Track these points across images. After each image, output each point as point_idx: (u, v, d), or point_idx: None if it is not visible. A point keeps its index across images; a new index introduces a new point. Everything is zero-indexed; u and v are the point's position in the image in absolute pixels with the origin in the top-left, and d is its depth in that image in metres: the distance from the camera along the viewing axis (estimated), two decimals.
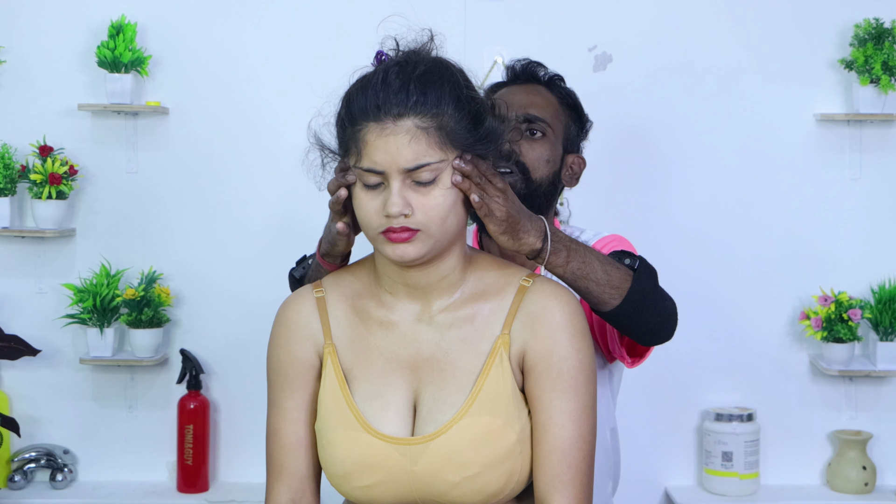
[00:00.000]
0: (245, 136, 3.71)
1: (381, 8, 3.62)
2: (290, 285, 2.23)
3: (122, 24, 3.63)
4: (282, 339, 1.92)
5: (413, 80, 1.79)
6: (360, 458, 1.81)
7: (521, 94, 2.39)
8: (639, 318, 2.09)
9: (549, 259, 1.97)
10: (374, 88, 1.79)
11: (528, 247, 1.95)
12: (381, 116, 1.77)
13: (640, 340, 2.19)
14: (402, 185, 1.76)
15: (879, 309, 3.65)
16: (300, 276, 2.19)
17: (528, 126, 2.36)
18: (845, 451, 3.67)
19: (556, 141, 2.38)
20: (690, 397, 3.77)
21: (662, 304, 2.15)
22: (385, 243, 1.79)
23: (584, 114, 2.48)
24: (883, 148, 3.72)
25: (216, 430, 3.78)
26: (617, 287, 2.04)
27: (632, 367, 2.39)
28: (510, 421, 1.80)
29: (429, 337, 1.85)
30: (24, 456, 3.72)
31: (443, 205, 1.78)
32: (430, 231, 1.78)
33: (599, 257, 2.05)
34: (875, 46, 3.60)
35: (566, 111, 2.43)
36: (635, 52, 3.71)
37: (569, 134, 2.42)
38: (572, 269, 2.01)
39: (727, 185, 3.72)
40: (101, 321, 3.64)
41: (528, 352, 1.83)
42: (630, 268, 2.08)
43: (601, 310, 2.07)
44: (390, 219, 1.76)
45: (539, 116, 2.36)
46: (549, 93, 2.42)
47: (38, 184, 3.61)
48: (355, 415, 1.82)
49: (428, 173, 1.77)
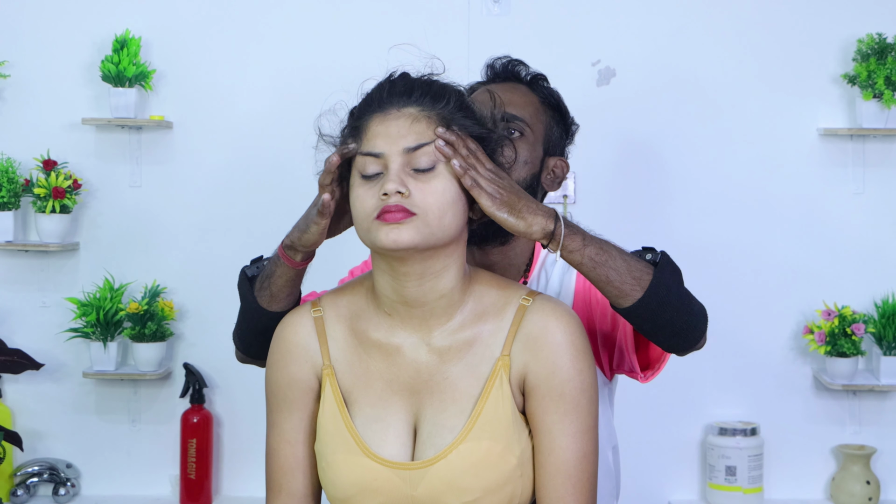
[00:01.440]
0: (248, 151, 3.71)
1: (384, 23, 3.67)
2: (238, 283, 2.07)
3: (127, 38, 3.64)
4: (280, 360, 1.90)
5: (419, 82, 1.81)
6: (361, 482, 1.80)
7: (500, 91, 2.17)
8: (664, 315, 1.92)
9: (565, 242, 1.84)
10: (381, 86, 1.81)
11: (538, 228, 1.83)
12: (385, 107, 1.78)
13: (666, 344, 2.01)
14: (401, 170, 1.74)
15: (883, 323, 3.65)
16: (252, 275, 2.04)
17: (505, 125, 2.13)
18: (849, 466, 3.67)
19: (535, 142, 2.22)
20: (694, 411, 3.77)
21: (689, 303, 1.98)
22: (379, 228, 1.73)
23: (569, 115, 2.32)
24: (886, 162, 3.73)
25: (219, 444, 3.78)
26: (638, 278, 1.89)
27: (645, 382, 2.21)
28: (510, 445, 1.79)
29: (428, 360, 1.83)
30: (27, 470, 3.71)
31: (442, 194, 1.75)
32: (427, 218, 1.73)
33: (617, 247, 1.91)
34: (878, 61, 3.61)
35: (548, 111, 2.27)
36: (639, 67, 3.71)
37: (550, 136, 2.26)
38: (589, 254, 1.87)
39: (730, 199, 3.72)
40: (105, 335, 3.65)
41: (529, 374, 1.81)
42: (652, 262, 1.94)
43: (622, 304, 1.91)
44: (387, 198, 1.72)
45: (517, 115, 2.19)
46: (531, 92, 2.26)
47: (42, 198, 3.62)
48: (355, 439, 1.81)
49: (427, 158, 1.75)
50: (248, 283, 2.03)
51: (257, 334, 2.04)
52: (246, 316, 2.05)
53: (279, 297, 1.98)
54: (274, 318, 1.97)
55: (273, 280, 1.97)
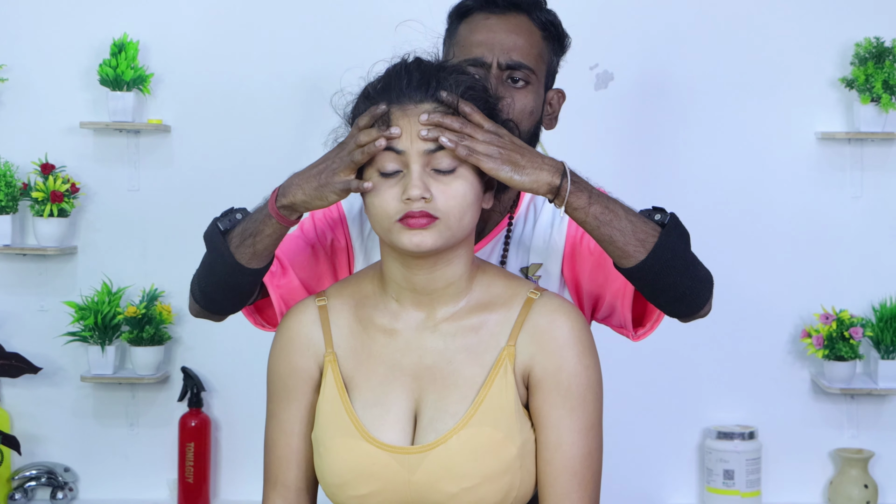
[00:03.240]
0: (246, 154, 3.71)
1: (382, 28, 3.66)
2: (208, 235, 1.98)
3: (125, 42, 3.64)
4: (282, 350, 1.90)
5: (434, 74, 1.79)
6: (357, 466, 1.79)
7: (503, 31, 2.06)
8: (667, 278, 1.88)
9: (569, 200, 1.81)
10: (398, 75, 1.79)
11: (544, 183, 1.80)
12: (403, 101, 1.77)
13: (668, 309, 1.96)
14: (423, 171, 1.74)
15: (881, 327, 3.65)
16: (226, 228, 1.96)
17: (511, 73, 2.06)
18: (847, 470, 3.67)
19: (538, 86, 2.10)
20: (692, 415, 3.77)
21: (695, 268, 1.94)
22: (402, 231, 1.74)
23: (565, 38, 2.19)
24: (884, 166, 3.73)
25: (217, 448, 3.78)
26: (643, 240, 1.85)
27: (636, 341, 2.12)
28: (511, 434, 1.79)
29: (433, 345, 1.83)
30: (25, 474, 3.71)
31: (463, 197, 1.75)
32: (449, 221, 1.74)
33: (625, 207, 1.88)
34: (876, 65, 3.61)
35: (549, 45, 2.13)
36: (636, 71, 3.72)
37: (551, 70, 2.14)
38: (594, 212, 1.84)
39: (728, 202, 3.72)
40: (103, 339, 3.65)
41: (535, 367, 1.81)
42: (660, 224, 1.91)
43: (624, 265, 1.88)
44: (410, 203, 1.73)
45: (523, 62, 2.06)
46: (532, 24, 2.10)
47: (40, 201, 3.62)
48: (354, 422, 1.80)
49: (448, 160, 1.75)
50: (221, 236, 1.96)
51: (228, 290, 2.00)
52: (215, 269, 1.99)
53: (262, 255, 1.93)
54: (253, 274, 1.95)
55: (259, 238, 1.91)
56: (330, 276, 2.14)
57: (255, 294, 2.06)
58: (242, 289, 1.98)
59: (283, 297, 2.08)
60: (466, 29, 2.12)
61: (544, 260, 2.12)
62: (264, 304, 2.13)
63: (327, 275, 2.14)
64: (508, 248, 2.12)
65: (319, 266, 2.13)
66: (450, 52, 2.13)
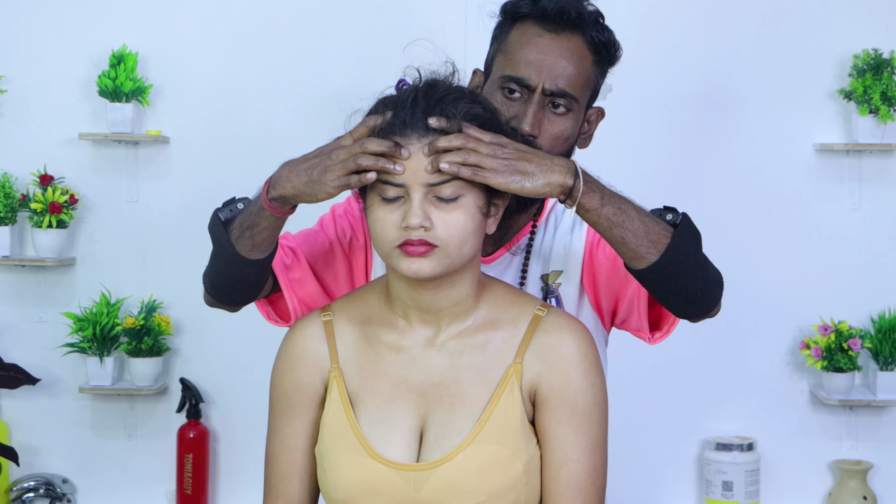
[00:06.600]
0: (245, 166, 3.71)
1: (382, 37, 3.67)
2: (210, 226, 1.96)
3: (124, 53, 3.65)
4: (286, 364, 1.90)
5: (438, 103, 1.77)
6: (363, 483, 1.79)
7: (554, 55, 2.01)
8: (678, 280, 1.86)
9: (582, 200, 1.79)
10: (403, 107, 1.77)
11: (556, 185, 1.77)
12: (406, 133, 1.75)
13: (678, 310, 1.95)
14: (424, 199, 1.73)
15: (879, 338, 3.65)
16: (227, 218, 1.95)
17: (553, 99, 2.01)
18: (846, 481, 3.66)
19: (579, 112, 2.06)
20: (691, 426, 3.77)
21: (706, 270, 1.92)
22: (400, 258, 1.75)
23: (617, 54, 2.14)
24: (882, 178, 3.73)
25: (216, 460, 3.77)
26: (655, 241, 1.84)
27: (652, 344, 2.09)
28: (517, 451, 1.79)
29: (439, 363, 1.83)
30: (23, 485, 3.71)
31: (464, 226, 1.75)
32: (448, 250, 1.74)
33: (637, 207, 1.86)
34: (874, 77, 3.61)
35: (599, 68, 2.09)
36: (635, 82, 3.71)
37: (595, 92, 2.10)
38: (606, 213, 1.81)
39: (727, 214, 3.72)
40: (101, 350, 3.64)
41: (542, 384, 1.81)
42: (672, 224, 1.90)
43: (636, 266, 1.86)
44: (409, 230, 1.72)
45: (569, 92, 2.01)
46: (585, 49, 2.06)
47: (39, 213, 3.62)
48: (359, 439, 1.80)
49: (450, 189, 1.74)
50: (223, 227, 1.94)
51: (234, 281, 1.99)
52: (220, 261, 1.98)
53: (262, 247, 1.92)
54: (255, 265, 1.94)
55: (257, 231, 1.90)
56: (345, 274, 2.14)
57: (270, 287, 2.05)
58: (248, 279, 1.97)
59: (296, 292, 2.07)
60: (517, 39, 2.07)
61: (564, 267, 2.11)
62: (278, 297, 2.12)
63: (343, 272, 2.14)
64: (530, 255, 2.11)
65: (336, 263, 2.13)
66: (495, 55, 2.11)
